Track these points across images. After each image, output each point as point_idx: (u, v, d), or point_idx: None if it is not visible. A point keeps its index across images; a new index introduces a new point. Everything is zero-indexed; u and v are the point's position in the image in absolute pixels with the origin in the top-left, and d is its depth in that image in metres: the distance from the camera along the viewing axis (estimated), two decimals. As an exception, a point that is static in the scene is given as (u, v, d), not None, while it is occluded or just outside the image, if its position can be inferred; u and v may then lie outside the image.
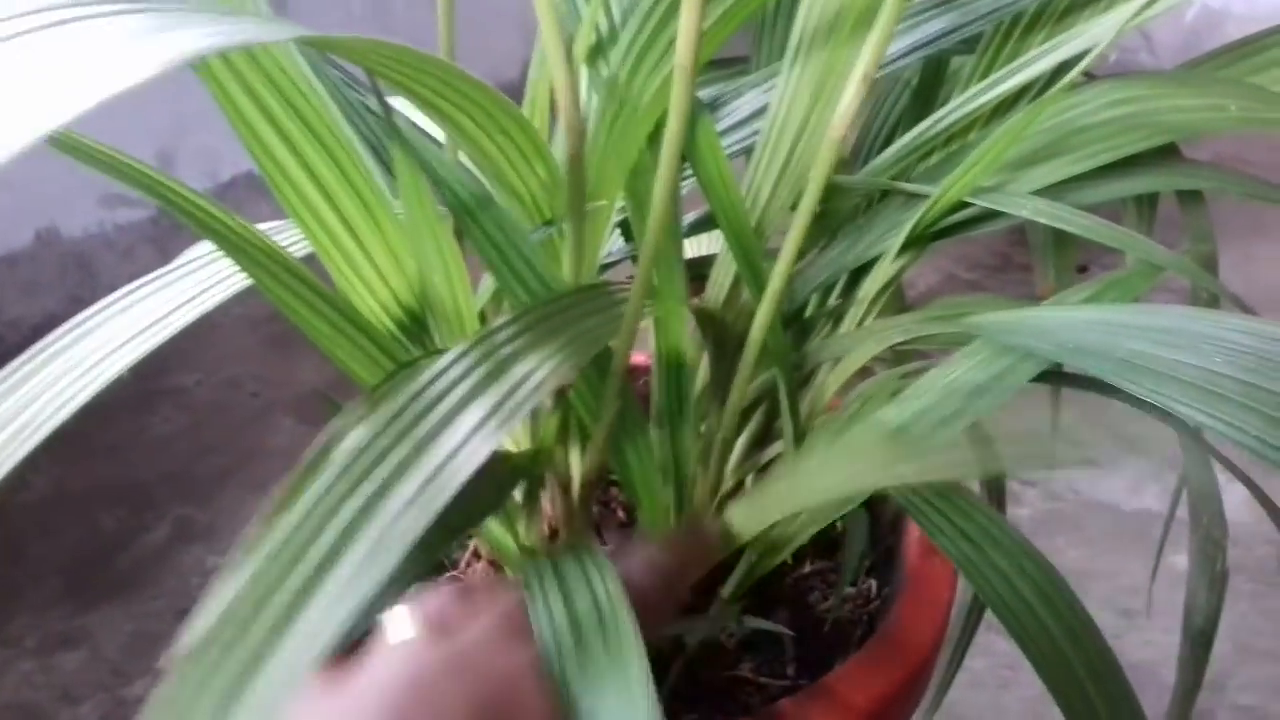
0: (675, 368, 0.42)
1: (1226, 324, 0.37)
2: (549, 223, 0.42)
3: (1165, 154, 0.54)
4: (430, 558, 0.51)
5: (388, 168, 0.48)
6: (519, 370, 0.34)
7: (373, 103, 0.51)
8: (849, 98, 0.37)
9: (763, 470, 0.62)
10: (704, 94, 0.55)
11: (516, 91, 0.55)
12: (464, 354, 0.35)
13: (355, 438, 0.30)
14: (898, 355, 0.58)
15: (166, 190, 0.38)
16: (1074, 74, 0.41)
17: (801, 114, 0.46)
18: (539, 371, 0.34)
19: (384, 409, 0.32)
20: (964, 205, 0.49)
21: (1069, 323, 0.42)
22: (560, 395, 0.46)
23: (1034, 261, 0.66)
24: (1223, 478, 0.61)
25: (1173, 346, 0.37)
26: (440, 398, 0.33)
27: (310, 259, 0.46)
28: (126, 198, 1.57)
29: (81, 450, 1.40)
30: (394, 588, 0.33)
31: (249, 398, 1.51)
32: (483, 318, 0.50)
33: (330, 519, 0.28)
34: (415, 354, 0.46)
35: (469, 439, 0.31)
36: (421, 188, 0.36)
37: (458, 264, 0.39)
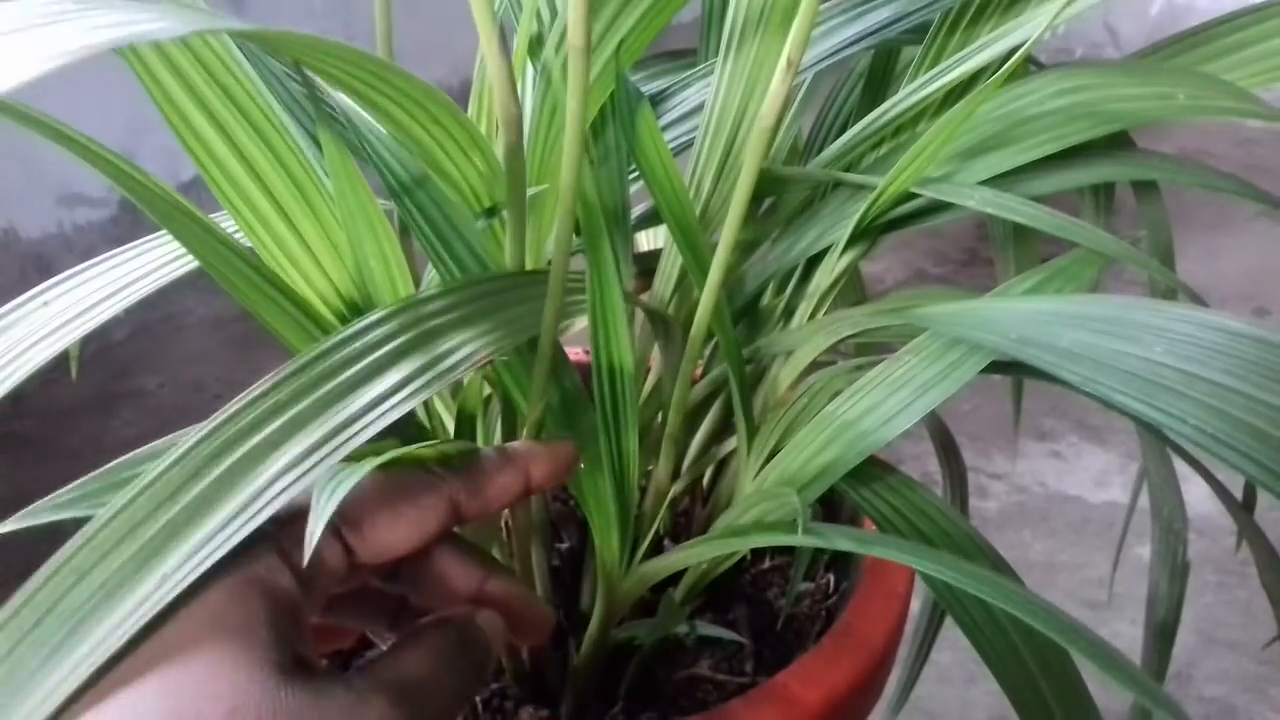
0: (612, 364, 0.42)
1: (1167, 313, 0.37)
2: (490, 211, 0.41)
3: (1119, 144, 0.54)
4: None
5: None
6: (446, 342, 0.33)
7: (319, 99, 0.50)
8: (775, 84, 0.36)
9: (720, 465, 0.62)
10: (651, 86, 0.55)
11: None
12: (388, 317, 0.34)
13: (254, 390, 0.30)
14: (861, 350, 0.57)
15: (130, 179, 0.37)
16: (1012, 63, 0.40)
17: (738, 104, 0.46)
18: (468, 345, 0.33)
19: (290, 364, 0.31)
20: (913, 196, 0.48)
21: (1015, 314, 0.41)
22: (492, 385, 0.46)
23: (995, 256, 0.65)
24: (1188, 470, 0.60)
25: (1115, 336, 0.37)
26: (356, 358, 0.32)
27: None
28: (86, 198, 1.55)
29: (42, 454, 1.38)
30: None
31: (212, 400, 1.50)
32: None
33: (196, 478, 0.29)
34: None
35: (381, 402, 0.30)
36: (349, 164, 0.35)
37: (394, 249, 0.38)
